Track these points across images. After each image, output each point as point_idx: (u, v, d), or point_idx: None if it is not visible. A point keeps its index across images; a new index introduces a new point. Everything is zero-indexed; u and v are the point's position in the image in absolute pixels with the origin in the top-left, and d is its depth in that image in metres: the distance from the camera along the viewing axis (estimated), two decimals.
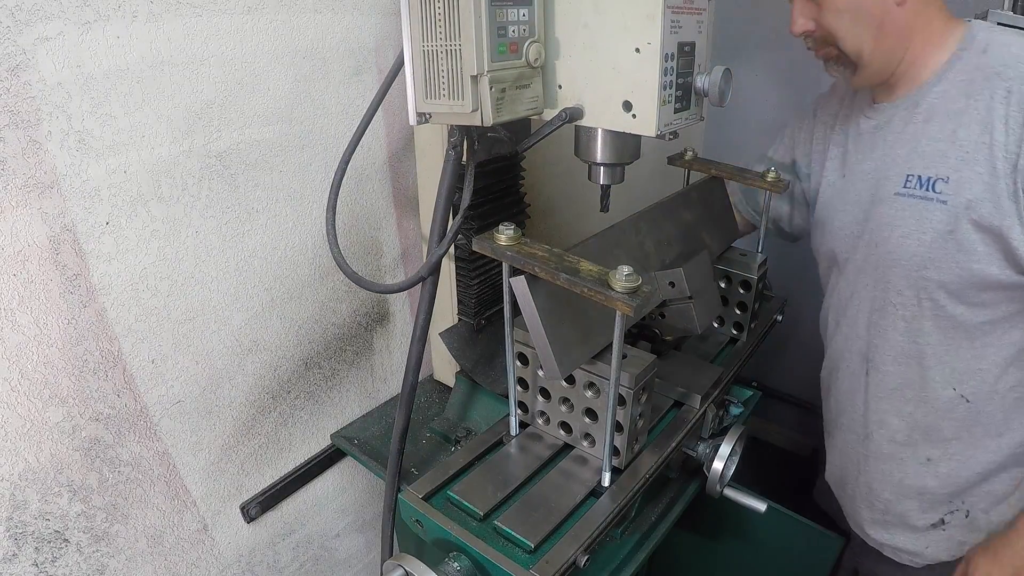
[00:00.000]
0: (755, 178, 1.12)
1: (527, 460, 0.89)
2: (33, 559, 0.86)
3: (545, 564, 0.72)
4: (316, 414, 1.24)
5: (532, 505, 0.81)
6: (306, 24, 0.99)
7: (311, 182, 1.08)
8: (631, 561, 0.93)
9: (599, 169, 0.95)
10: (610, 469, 0.83)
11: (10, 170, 0.74)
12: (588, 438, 0.89)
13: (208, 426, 1.04)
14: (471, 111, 0.77)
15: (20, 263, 0.77)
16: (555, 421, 0.91)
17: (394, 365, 1.38)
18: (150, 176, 0.87)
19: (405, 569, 0.73)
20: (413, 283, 0.94)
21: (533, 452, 0.90)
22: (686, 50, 0.79)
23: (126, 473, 0.94)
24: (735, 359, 1.11)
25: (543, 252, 0.75)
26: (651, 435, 0.92)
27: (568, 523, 0.79)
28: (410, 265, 1.34)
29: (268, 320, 1.09)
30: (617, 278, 0.68)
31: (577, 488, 0.84)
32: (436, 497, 0.84)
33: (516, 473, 0.87)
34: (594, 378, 0.82)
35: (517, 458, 0.90)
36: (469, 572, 0.75)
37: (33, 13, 0.71)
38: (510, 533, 0.77)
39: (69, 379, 0.85)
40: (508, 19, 0.76)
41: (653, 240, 1.00)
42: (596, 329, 0.83)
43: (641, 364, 0.81)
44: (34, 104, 0.74)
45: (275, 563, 1.25)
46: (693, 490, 1.08)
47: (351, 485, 1.37)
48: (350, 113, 1.11)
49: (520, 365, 0.89)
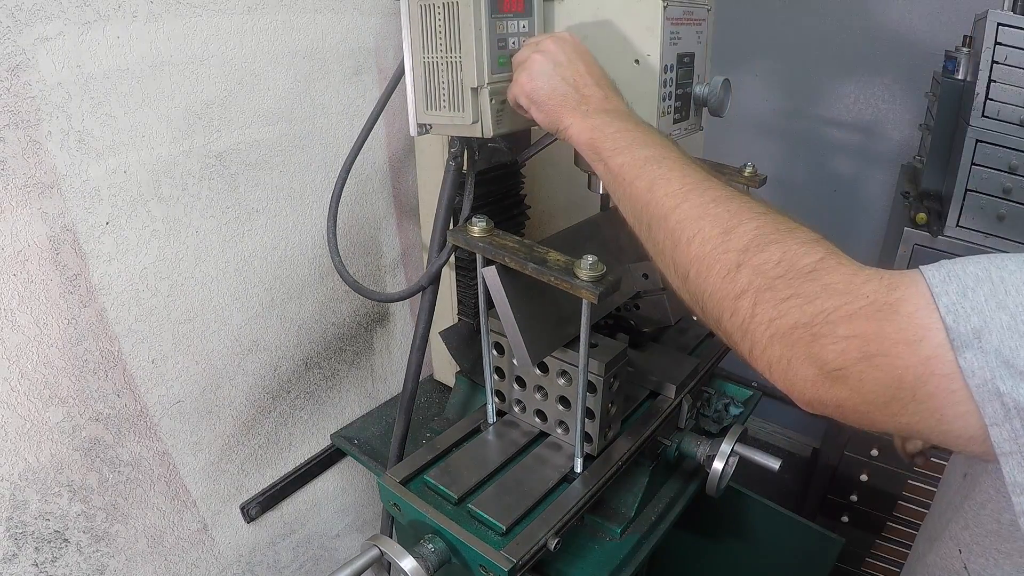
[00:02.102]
0: (733, 173, 1.12)
1: (503, 447, 0.91)
2: (33, 559, 0.86)
3: (515, 546, 0.74)
4: (316, 414, 1.24)
5: (506, 490, 0.84)
6: (306, 24, 0.99)
7: (311, 182, 1.08)
8: (631, 561, 0.93)
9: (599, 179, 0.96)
10: (582, 455, 0.84)
11: (10, 170, 0.74)
12: (562, 425, 0.91)
13: (208, 426, 1.04)
14: (471, 123, 0.77)
15: (20, 263, 0.77)
16: (531, 409, 0.93)
17: (394, 365, 1.38)
18: (150, 176, 0.87)
19: (381, 549, 0.75)
20: (413, 292, 0.94)
21: (509, 439, 0.92)
22: (685, 61, 0.80)
23: (126, 473, 0.94)
24: (713, 351, 1.12)
25: (514, 243, 0.77)
26: (626, 424, 0.94)
27: (540, 507, 0.82)
28: (410, 266, 1.34)
29: (268, 320, 1.09)
30: (582, 267, 0.70)
31: (550, 474, 0.86)
32: (414, 482, 0.86)
33: (492, 459, 0.89)
34: (566, 366, 0.84)
35: (493, 445, 0.92)
36: (443, 553, 0.77)
37: (33, 13, 0.71)
38: (483, 516, 0.79)
39: (69, 379, 0.85)
40: (508, 31, 0.76)
41: (628, 233, 1.01)
42: (567, 319, 0.84)
43: (611, 352, 0.83)
44: (34, 104, 0.74)
45: (275, 563, 1.25)
46: (693, 490, 1.08)
47: (351, 485, 1.37)
48: (350, 113, 1.11)
49: (496, 354, 0.90)
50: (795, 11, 2.06)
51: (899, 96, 1.99)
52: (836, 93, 2.09)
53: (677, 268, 0.59)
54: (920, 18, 1.89)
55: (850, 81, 2.06)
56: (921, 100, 1.91)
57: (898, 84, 1.98)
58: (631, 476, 1.00)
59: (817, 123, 2.15)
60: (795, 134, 2.18)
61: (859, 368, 0.47)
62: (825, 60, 2.06)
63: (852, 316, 0.47)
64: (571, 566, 0.91)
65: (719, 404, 1.21)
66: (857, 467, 1.77)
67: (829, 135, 2.13)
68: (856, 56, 2.01)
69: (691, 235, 0.57)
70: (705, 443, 1.01)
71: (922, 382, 0.45)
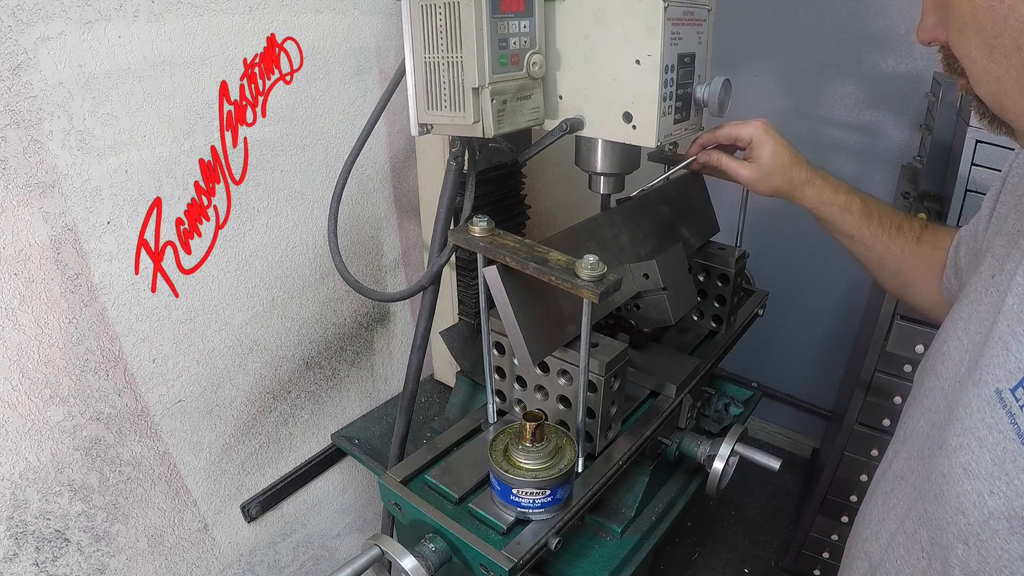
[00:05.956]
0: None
1: None
2: (34, 558, 0.86)
3: (516, 545, 0.74)
4: (317, 414, 1.24)
5: None
6: (307, 24, 0.99)
7: (312, 182, 1.08)
8: (631, 561, 0.93)
9: (599, 179, 0.96)
10: (583, 455, 0.84)
11: (11, 169, 0.74)
12: (563, 425, 0.90)
13: (209, 426, 1.04)
14: (472, 123, 0.77)
15: (21, 262, 0.77)
16: (531, 409, 0.92)
17: (395, 365, 1.38)
18: (151, 176, 0.87)
19: (382, 548, 0.75)
20: (414, 292, 0.94)
21: None
22: (686, 61, 0.80)
23: (127, 473, 0.94)
24: (713, 351, 1.12)
25: (514, 243, 0.77)
26: (626, 424, 0.93)
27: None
28: (410, 266, 1.34)
29: (269, 320, 1.09)
30: (583, 267, 0.70)
31: None
32: (415, 481, 0.86)
33: None
34: (566, 366, 0.84)
35: None
36: (444, 553, 0.77)
37: (35, 13, 0.71)
38: (484, 516, 0.79)
39: (70, 378, 0.85)
40: (509, 31, 0.76)
41: (628, 233, 1.01)
42: (568, 319, 0.84)
43: (612, 352, 0.83)
44: (35, 104, 0.74)
45: (275, 563, 1.25)
46: (693, 490, 1.08)
47: (351, 485, 1.37)
48: (351, 113, 1.11)
49: (497, 354, 0.90)
50: (795, 11, 2.06)
51: (899, 96, 1.99)
52: (836, 93, 2.10)
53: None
54: (920, 18, 1.89)
55: (850, 81, 2.06)
56: (921, 100, 1.91)
57: (898, 84, 1.98)
58: (631, 476, 1.00)
59: (817, 123, 2.15)
60: (795, 134, 2.16)
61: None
62: (825, 60, 2.06)
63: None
64: (571, 565, 0.92)
65: (719, 404, 1.22)
66: (857, 467, 1.78)
67: (829, 135, 2.13)
68: (856, 56, 2.01)
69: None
70: (705, 443, 1.02)
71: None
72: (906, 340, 1.58)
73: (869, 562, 0.72)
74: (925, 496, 0.62)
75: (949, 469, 0.56)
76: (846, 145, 2.13)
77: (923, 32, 0.61)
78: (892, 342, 1.60)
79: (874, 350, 1.64)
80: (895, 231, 0.93)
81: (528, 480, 0.74)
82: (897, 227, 0.93)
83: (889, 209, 0.94)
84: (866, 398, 1.69)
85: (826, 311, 2.37)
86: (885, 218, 0.93)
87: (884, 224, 0.93)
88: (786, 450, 2.64)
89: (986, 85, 0.54)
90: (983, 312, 0.62)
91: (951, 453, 0.57)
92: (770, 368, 2.53)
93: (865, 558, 0.73)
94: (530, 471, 0.75)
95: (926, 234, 0.92)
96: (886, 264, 0.95)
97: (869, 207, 0.93)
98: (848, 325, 2.33)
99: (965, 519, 0.54)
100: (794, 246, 2.29)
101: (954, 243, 0.86)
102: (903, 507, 0.67)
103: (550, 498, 0.76)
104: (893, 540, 0.67)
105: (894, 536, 0.67)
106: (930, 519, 0.60)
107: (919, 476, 0.65)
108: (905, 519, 0.66)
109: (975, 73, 0.54)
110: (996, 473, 0.52)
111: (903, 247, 0.92)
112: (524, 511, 0.77)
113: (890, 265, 0.94)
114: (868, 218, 0.93)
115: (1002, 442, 0.52)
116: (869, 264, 0.98)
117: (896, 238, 0.92)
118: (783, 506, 2.40)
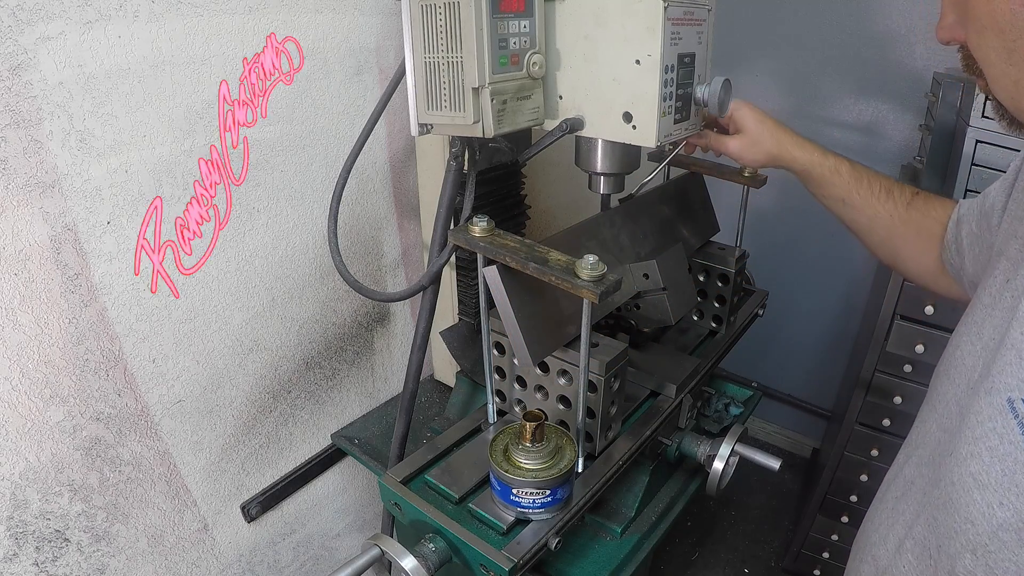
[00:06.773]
0: (733, 173, 1.12)
1: None
2: (34, 558, 0.86)
3: (516, 545, 0.74)
4: (317, 414, 1.24)
5: None
6: (307, 24, 0.99)
7: (312, 182, 1.08)
8: (631, 561, 0.93)
9: (599, 179, 0.96)
10: (583, 455, 0.84)
11: (11, 169, 0.74)
12: (563, 425, 0.90)
13: (209, 426, 1.04)
14: (472, 123, 0.77)
15: (21, 262, 0.77)
16: (531, 408, 0.92)
17: (395, 365, 1.38)
18: (151, 176, 0.87)
19: (382, 548, 0.75)
20: (414, 292, 0.94)
21: None
22: (686, 61, 0.80)
23: (127, 473, 0.94)
24: (713, 351, 1.12)
25: (515, 243, 0.77)
26: (626, 424, 0.94)
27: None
28: (410, 266, 1.34)
29: (269, 319, 1.09)
30: (583, 267, 0.70)
31: None
32: (415, 481, 0.86)
33: None
34: (566, 366, 0.84)
35: None
36: (444, 553, 0.78)
37: (35, 12, 0.71)
38: (484, 516, 0.80)
39: (70, 378, 0.85)
40: (509, 31, 0.76)
41: (628, 233, 1.01)
42: (568, 319, 0.84)
43: (612, 352, 0.83)
44: (35, 104, 0.74)
45: (275, 563, 1.25)
46: (693, 490, 1.08)
47: (351, 485, 1.37)
48: (351, 113, 1.11)
49: (497, 354, 0.91)
50: (795, 11, 2.06)
51: (899, 96, 1.99)
52: (836, 93, 2.10)
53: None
54: (920, 18, 1.89)
55: (850, 81, 2.06)
56: (921, 100, 1.91)
57: (898, 84, 1.98)
58: (631, 476, 1.00)
59: (817, 123, 2.15)
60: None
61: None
62: (825, 60, 2.07)
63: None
64: (571, 565, 0.92)
65: (719, 404, 1.22)
66: (857, 467, 1.78)
67: (829, 135, 2.13)
68: (856, 56, 2.01)
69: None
70: (705, 443, 1.02)
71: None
72: (906, 340, 1.58)
73: (876, 566, 0.72)
74: (934, 503, 0.62)
75: (959, 477, 0.56)
76: (846, 145, 2.13)
77: (942, 31, 0.61)
78: (892, 342, 1.60)
79: (874, 350, 1.64)
80: (884, 195, 0.93)
81: (528, 480, 0.74)
82: (887, 191, 0.93)
83: (879, 174, 0.95)
84: (866, 398, 1.69)
85: (826, 311, 2.37)
86: (874, 182, 0.93)
87: (873, 188, 0.93)
88: (786, 450, 2.64)
89: (1004, 88, 0.54)
90: (997, 317, 0.62)
91: (961, 461, 0.56)
92: (770, 368, 2.52)
93: (872, 562, 0.72)
94: (530, 471, 0.75)
95: (917, 201, 0.92)
96: (876, 229, 0.95)
97: (858, 170, 0.94)
98: (848, 325, 2.33)
99: (974, 529, 0.54)
100: (794, 246, 2.29)
101: (954, 217, 0.86)
102: (912, 513, 0.66)
103: (550, 498, 0.76)
104: (901, 546, 0.67)
105: (902, 542, 0.67)
106: (939, 527, 0.60)
107: (929, 482, 0.65)
108: (914, 525, 0.66)
109: (993, 76, 0.55)
110: (1006, 484, 0.51)
111: (892, 212, 0.92)
112: (524, 511, 0.77)
113: (879, 231, 0.95)
114: (858, 181, 0.93)
115: (1013, 453, 0.51)
116: (860, 230, 0.97)
117: (886, 202, 0.93)
118: (783, 506, 2.40)
